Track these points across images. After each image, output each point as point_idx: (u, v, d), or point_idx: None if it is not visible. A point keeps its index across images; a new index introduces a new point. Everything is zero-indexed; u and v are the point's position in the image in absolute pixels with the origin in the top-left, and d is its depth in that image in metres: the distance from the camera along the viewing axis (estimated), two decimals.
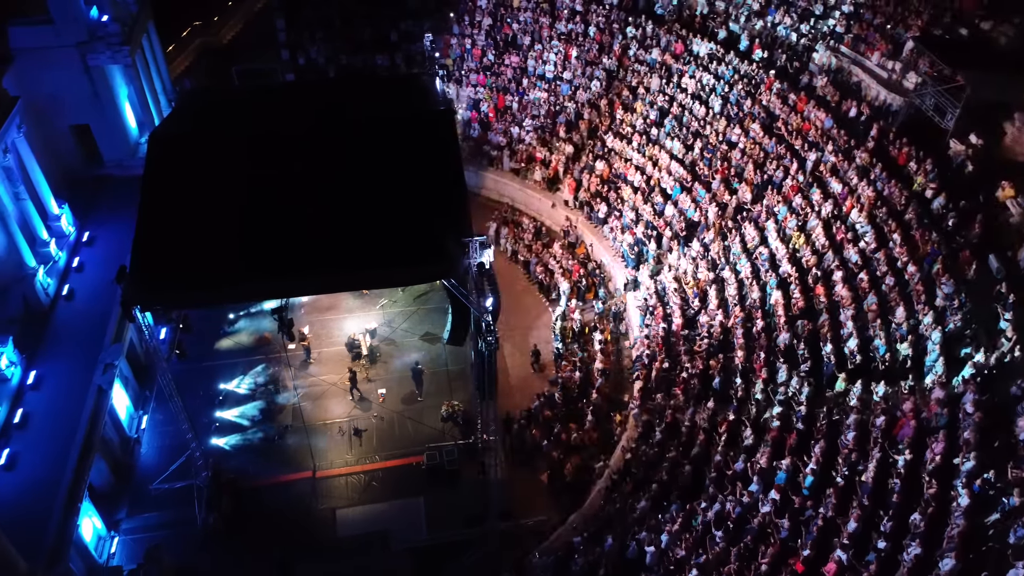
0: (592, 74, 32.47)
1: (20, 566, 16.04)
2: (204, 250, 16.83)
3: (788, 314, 21.68)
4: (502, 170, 33.11)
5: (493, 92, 33.55)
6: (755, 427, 19.15)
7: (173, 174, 17.97)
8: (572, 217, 30.82)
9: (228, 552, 21.03)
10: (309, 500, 22.37)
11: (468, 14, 35.05)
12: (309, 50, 33.96)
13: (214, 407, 24.64)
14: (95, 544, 20.87)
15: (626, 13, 32.90)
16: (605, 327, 27.11)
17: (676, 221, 27.23)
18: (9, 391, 21.24)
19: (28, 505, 19.01)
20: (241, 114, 20.86)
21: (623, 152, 30.29)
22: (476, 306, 16.83)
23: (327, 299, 28.29)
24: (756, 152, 26.67)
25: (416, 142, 18.83)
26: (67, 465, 19.88)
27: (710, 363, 22.26)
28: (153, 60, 29.66)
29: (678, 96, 30.03)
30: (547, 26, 33.90)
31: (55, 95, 26.15)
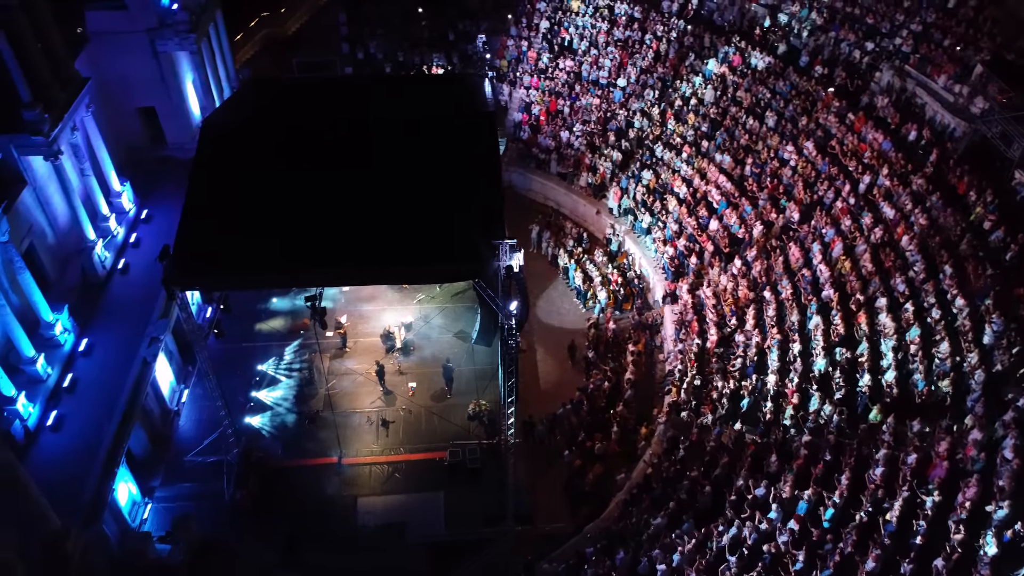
0: (646, 82, 32.17)
1: (54, 523, 16.88)
2: (244, 236, 17.41)
3: (827, 340, 21.09)
4: (549, 174, 33.12)
5: (545, 96, 33.58)
6: (781, 453, 18.70)
7: (222, 160, 18.64)
8: (616, 225, 30.63)
9: (252, 528, 21.73)
10: (333, 486, 22.86)
11: (526, 17, 35.18)
12: (368, 45, 34.65)
13: (251, 387, 25.41)
14: (129, 508, 21.79)
15: (685, 22, 32.47)
16: (640, 338, 26.87)
17: (720, 236, 26.75)
18: (61, 356, 22.36)
19: (69, 466, 19.97)
20: (292, 105, 21.47)
21: (671, 163, 29.93)
22: (501, 308, 16.91)
23: (367, 290, 28.83)
24: (808, 171, 25.99)
25: (457, 142, 19.03)
26: (108, 431, 20.81)
27: (742, 384, 21.83)
28: (219, 48, 30.74)
29: (731, 109, 29.49)
30: (604, 32, 33.76)
31: (125, 78, 27.39)
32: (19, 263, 20.29)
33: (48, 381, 21.51)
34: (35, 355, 21.11)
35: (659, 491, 19.87)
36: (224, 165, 18.61)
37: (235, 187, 18.26)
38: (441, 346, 27.15)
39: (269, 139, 19.14)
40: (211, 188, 18.21)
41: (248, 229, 17.53)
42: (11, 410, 19.87)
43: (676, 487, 19.64)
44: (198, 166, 18.49)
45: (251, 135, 19.36)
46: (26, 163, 21.97)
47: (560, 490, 22.74)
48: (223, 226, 17.56)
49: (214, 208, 17.89)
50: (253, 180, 18.26)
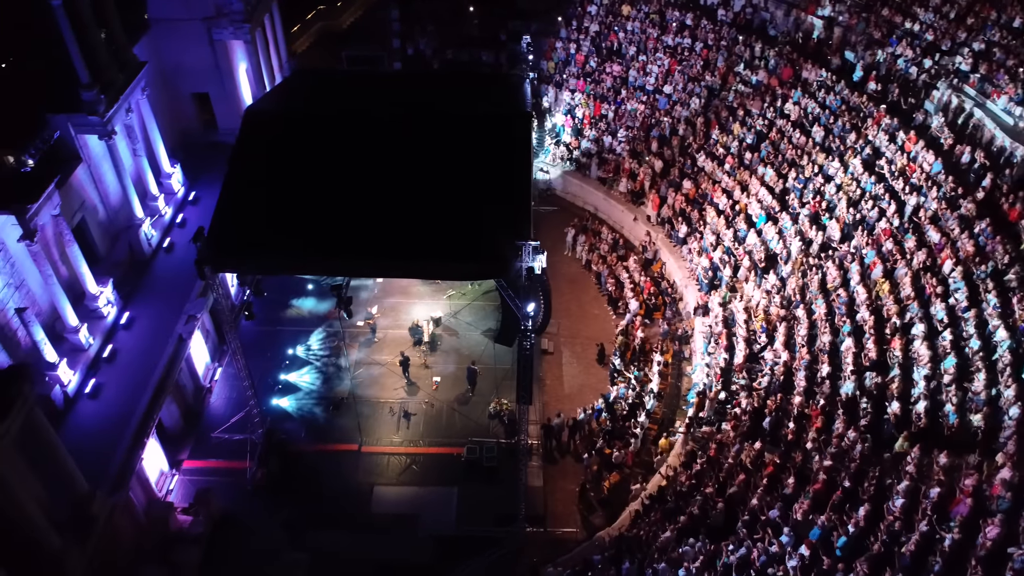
0: (693, 90, 31.74)
1: (82, 486, 17.65)
2: (277, 222, 17.87)
3: (857, 364, 20.50)
4: (589, 177, 33.01)
5: (591, 99, 33.45)
6: (799, 476, 18.25)
7: (261, 146, 19.17)
8: (652, 233, 30.34)
9: (270, 506, 22.29)
10: (351, 472, 23.28)
11: (577, 19, 35.11)
12: (419, 41, 35.11)
13: (280, 369, 26.06)
14: (157, 479, 22.61)
15: (737, 31, 31.92)
16: (668, 348, 26.57)
17: (756, 250, 26.23)
18: (104, 327, 23.35)
19: (102, 433, 20.84)
20: (333, 97, 21.92)
21: (713, 173, 29.47)
22: (519, 309, 16.95)
23: (400, 283, 29.23)
24: (853, 189, 25.26)
25: (491, 141, 19.14)
26: (141, 402, 21.64)
27: (767, 402, 21.39)
28: (273, 39, 31.58)
29: (778, 122, 28.86)
30: (654, 38, 33.42)
31: (181, 64, 28.41)
32: (68, 236, 21.25)
33: (89, 350, 22.49)
34: (79, 325, 22.08)
35: (672, 504, 19.63)
36: (263, 152, 19.14)
37: (272, 174, 18.77)
38: (468, 343, 27.36)
39: (308, 129, 19.59)
40: (249, 174, 18.75)
41: (281, 216, 17.99)
42: (53, 376, 20.87)
43: (689, 501, 19.37)
44: (238, 151, 19.07)
45: (292, 124, 19.85)
46: (82, 141, 23.00)
47: (575, 495, 22.67)
48: (257, 211, 18.07)
49: (250, 193, 18.42)
50: (289, 168, 18.73)
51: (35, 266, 20.24)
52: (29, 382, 14.83)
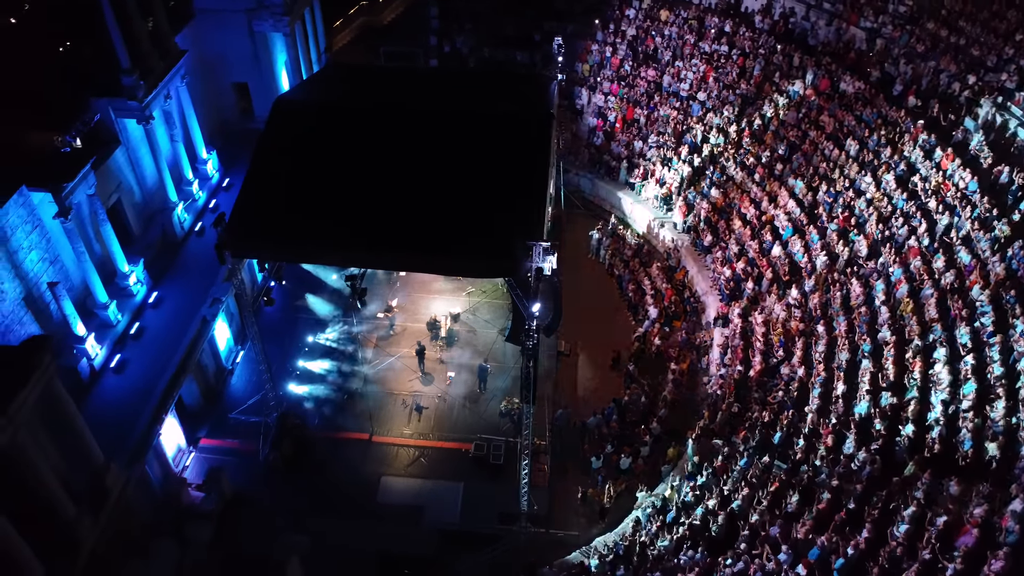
0: (727, 98, 31.35)
1: (98, 458, 18.33)
2: (296, 211, 18.32)
3: (874, 384, 20.03)
4: (618, 182, 32.86)
5: (623, 103, 33.29)
6: (803, 494, 17.92)
7: (286, 136, 19.64)
8: (677, 240, 30.08)
9: (280, 489, 22.81)
10: (360, 461, 23.66)
11: (614, 23, 34.97)
12: (455, 39, 35.40)
13: (300, 356, 26.59)
14: (174, 455, 23.34)
15: (776, 40, 31.40)
16: (686, 358, 26.32)
17: (781, 263, 25.80)
18: (132, 305, 24.19)
19: (124, 407, 21.62)
20: (362, 91, 22.33)
21: (742, 183, 29.07)
22: (525, 309, 17.03)
23: (422, 277, 29.54)
24: (884, 205, 24.67)
25: (510, 141, 19.27)
26: (162, 379, 22.37)
27: (779, 417, 21.05)
28: (313, 32, 32.22)
29: (812, 133, 28.32)
30: (690, 44, 33.10)
31: (222, 54, 29.22)
32: (102, 215, 22.07)
33: (117, 327, 23.34)
34: (108, 301, 22.93)
35: (673, 514, 19.48)
36: (288, 141, 19.61)
37: (294, 163, 19.22)
38: (484, 340, 27.52)
39: (333, 120, 19.99)
40: (273, 162, 19.24)
41: (301, 205, 18.43)
42: (80, 349, 21.72)
43: (690, 512, 19.21)
44: (264, 139, 19.58)
45: (317, 115, 20.30)
46: (121, 125, 23.86)
47: (580, 498, 22.65)
48: (278, 199, 18.53)
49: (273, 181, 18.90)
50: (312, 158, 19.17)
51: (69, 243, 21.08)
52: (50, 353, 15.46)
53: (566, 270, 30.84)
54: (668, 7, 34.40)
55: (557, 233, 31.69)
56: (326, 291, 28.79)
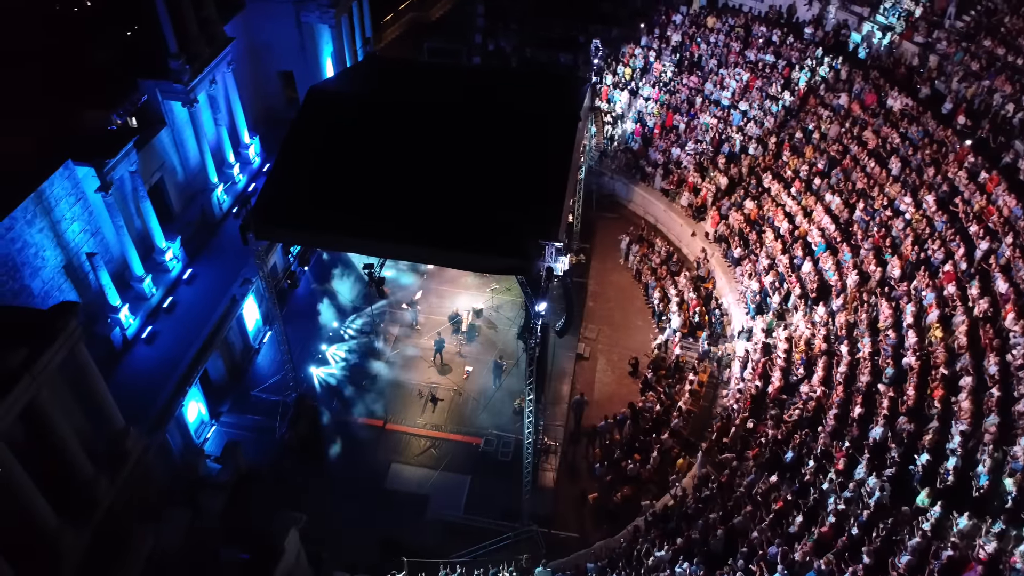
0: (769, 108, 30.76)
1: (119, 422, 19.13)
2: (318, 198, 18.80)
3: (893, 409, 19.43)
4: (652, 188, 32.59)
5: (663, 109, 33.00)
6: (807, 516, 17.52)
7: (316, 125, 20.16)
8: (708, 250, 29.68)
9: (293, 467, 23.42)
10: (372, 447, 24.11)
11: (659, 28, 34.66)
12: (500, 38, 35.64)
13: (323, 339, 27.20)
14: (196, 426, 24.18)
15: (824, 51, 30.67)
16: (706, 369, 26.00)
17: (810, 280, 25.22)
18: (167, 280, 25.14)
19: (151, 377, 22.52)
20: (394, 85, 22.68)
21: (778, 196, 28.50)
22: (531, 307, 17.10)
23: (449, 271, 29.82)
24: (922, 226, 23.87)
25: (534, 140, 19.35)
26: (188, 353, 23.23)
27: (792, 436, 20.61)
28: (359, 25, 32.84)
29: (853, 149, 27.57)
30: (736, 52, 32.59)
31: (270, 43, 30.09)
32: (143, 192, 23.01)
33: (151, 299, 24.29)
34: (144, 275, 23.90)
35: (673, 524, 19.28)
36: (317, 130, 20.12)
37: (322, 152, 19.70)
38: (505, 337, 27.67)
39: (362, 112, 20.44)
40: (301, 149, 19.77)
41: (324, 193, 18.90)
42: (115, 318, 22.72)
43: (691, 524, 18.97)
44: (295, 127, 20.12)
45: (348, 106, 20.76)
46: (168, 107, 24.82)
47: (585, 501, 22.61)
48: (303, 186, 19.05)
49: (299, 168, 19.44)
50: (338, 148, 19.63)
51: (109, 216, 22.06)
52: (76, 318, 16.24)
53: (594, 273, 30.99)
54: (716, 14, 33.94)
55: (587, 236, 31.70)
56: (353, 278, 29.38)
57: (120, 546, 18.60)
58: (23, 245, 19.53)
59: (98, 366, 20.68)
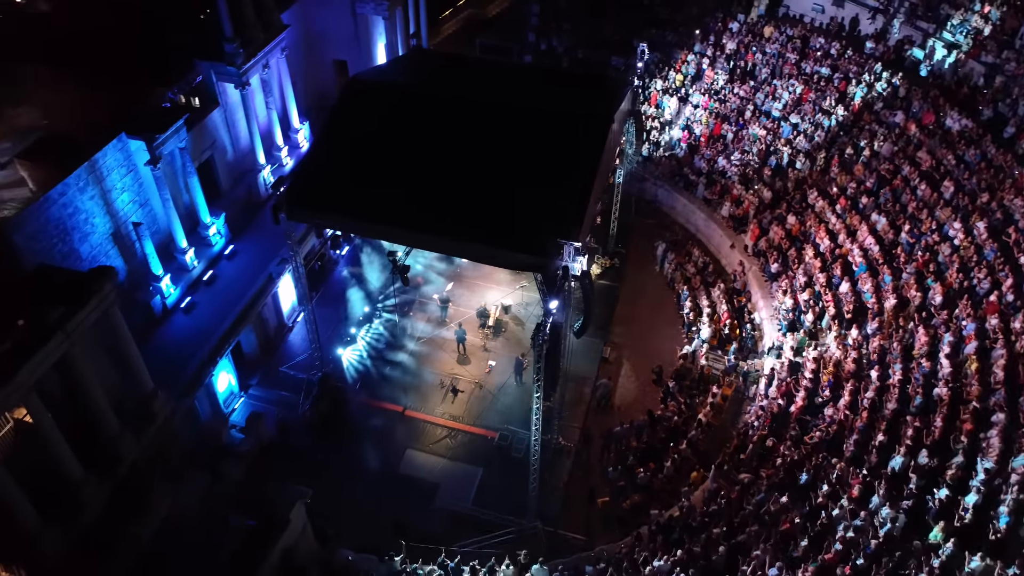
0: (821, 122, 29.93)
1: (147, 385, 20.07)
2: (349, 184, 19.27)
3: (917, 440, 18.72)
4: (694, 196, 32.12)
5: (712, 117, 32.48)
6: (813, 540, 17.07)
7: (354, 113, 20.65)
8: (745, 264, 29.11)
9: (312, 444, 24.07)
10: (390, 431, 24.54)
11: (715, 35, 34.13)
12: (552, 38, 35.70)
13: (354, 322, 27.79)
14: (225, 396, 25.08)
15: (883, 67, 29.66)
16: (731, 383, 25.53)
17: (847, 300, 24.46)
18: (209, 254, 26.13)
19: (185, 345, 23.44)
20: (435, 78, 23.06)
21: (822, 212, 27.73)
22: (544, 304, 17.15)
23: (482, 266, 30.04)
24: (970, 254, 22.89)
25: (564, 139, 19.38)
26: (222, 325, 24.13)
27: (811, 458, 20.08)
28: (414, 18, 33.34)
29: (905, 169, 26.59)
30: (791, 63, 31.82)
31: (326, 32, 30.89)
32: (191, 168, 23.96)
33: (193, 272, 25.28)
34: (187, 248, 24.91)
35: (676, 535, 19.05)
36: (355, 117, 20.61)
37: (357, 139, 20.19)
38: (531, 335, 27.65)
39: (400, 103, 20.83)
40: (338, 135, 20.30)
41: (355, 179, 19.38)
42: (156, 287, 23.75)
43: (694, 537, 18.71)
44: (334, 113, 20.68)
45: (386, 96, 21.18)
46: (221, 88, 25.77)
47: (595, 504, 22.53)
48: (336, 171, 19.56)
49: (334, 153, 19.97)
50: (373, 136, 20.06)
51: (157, 189, 23.09)
52: (110, 282, 17.14)
53: (628, 278, 30.75)
54: (774, 24, 33.21)
55: (624, 241, 31.48)
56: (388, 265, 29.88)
57: (140, 502, 19.49)
58: (74, 211, 20.62)
59: (137, 331, 21.81)
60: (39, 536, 17.09)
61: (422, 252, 29.39)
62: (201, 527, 19.69)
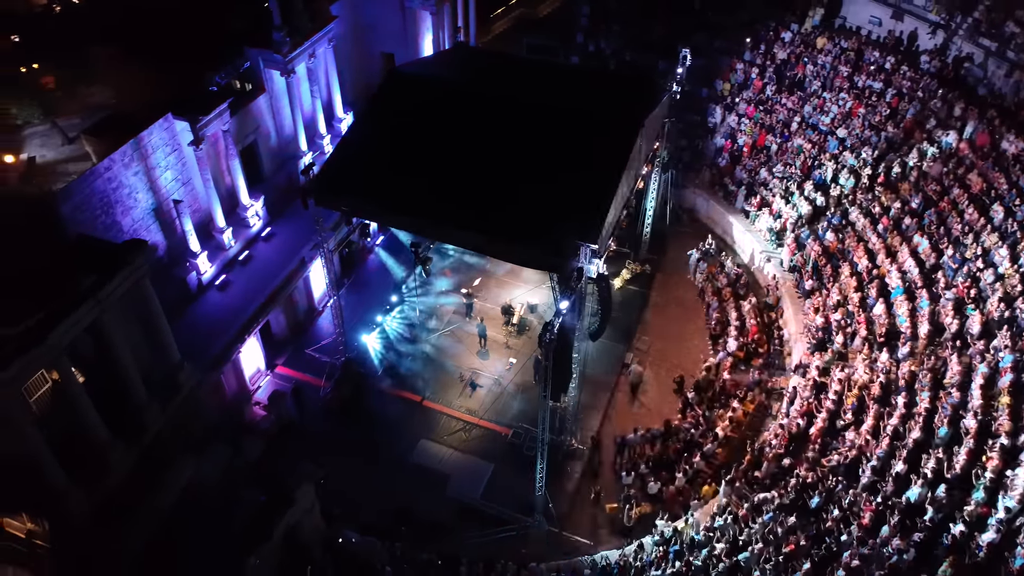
0: (868, 139, 29.01)
1: (175, 357, 20.87)
2: (378, 173, 19.66)
3: (937, 473, 18.02)
4: (733, 207, 31.57)
5: (757, 127, 31.84)
6: (816, 565, 16.64)
7: (390, 104, 21.05)
8: (780, 278, 28.48)
9: (330, 426, 24.62)
10: (406, 419, 24.93)
11: (766, 43, 33.40)
12: (601, 39, 35.51)
13: (380, 310, 28.25)
14: (252, 374, 25.87)
15: (939, 84, 28.56)
16: (754, 399, 25.04)
17: (880, 323, 23.70)
18: (247, 235, 27.00)
19: (216, 322, 24.35)
20: (473, 74, 23.27)
21: (863, 231, 26.89)
22: (555, 304, 17.14)
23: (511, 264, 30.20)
24: (1014, 283, 21.86)
25: (592, 141, 19.37)
26: (253, 305, 24.90)
27: (825, 481, 19.55)
28: (463, 15, 33.68)
29: (954, 191, 25.57)
30: (843, 76, 30.91)
31: (375, 25, 31.48)
32: (232, 150, 24.81)
33: (229, 251, 26.18)
34: (226, 227, 25.78)
35: (677, 547, 18.82)
36: (391, 109, 21.01)
37: (390, 130, 20.57)
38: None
39: (433, 97, 21.12)
40: (372, 125, 20.74)
41: (384, 169, 19.77)
42: (193, 263, 24.68)
43: (695, 552, 18.46)
44: (371, 103, 21.13)
45: (423, 89, 21.50)
46: (268, 75, 26.58)
47: (602, 509, 22.46)
48: (366, 160, 19.98)
49: (367, 143, 20.42)
50: (406, 128, 20.41)
51: (199, 169, 23.95)
52: (143, 256, 17.89)
53: (659, 286, 30.45)
54: (828, 35, 32.32)
55: (659, 248, 31.16)
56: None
57: (162, 470, 20.31)
58: (118, 185, 21.58)
59: (172, 306, 22.76)
60: (66, 494, 17.99)
61: (455, 247, 29.67)
62: (219, 498, 20.42)
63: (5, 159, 35.65)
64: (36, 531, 18.30)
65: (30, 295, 16.17)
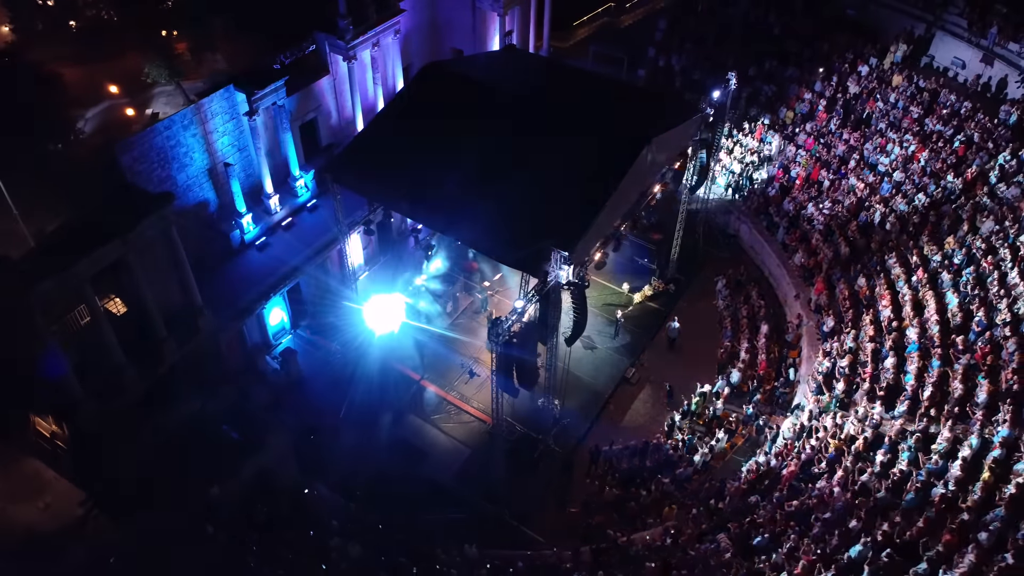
0: (925, 186, 27.46)
1: (196, 301, 23.23)
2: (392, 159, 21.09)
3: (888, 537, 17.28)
4: (773, 238, 30.77)
5: (812, 161, 30.80)
6: None
7: (418, 95, 22.42)
8: (804, 317, 27.60)
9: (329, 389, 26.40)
10: (402, 395, 26.29)
11: (839, 76, 32.13)
12: (672, 55, 35.39)
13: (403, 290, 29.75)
14: (275, 330, 28.11)
15: (1013, 135, 26.58)
16: (746, 434, 24.62)
17: (885, 377, 22.65)
18: (293, 204, 29.25)
19: (250, 278, 26.64)
20: (505, 76, 24.20)
21: (895, 280, 25.60)
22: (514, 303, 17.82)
23: None
24: None
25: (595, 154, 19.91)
26: (285, 267, 27.08)
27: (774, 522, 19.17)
28: (535, 20, 34.64)
29: (1003, 251, 23.87)
30: (912, 118, 29.32)
31: (449, 21, 33.04)
32: (286, 124, 27.00)
33: (274, 216, 28.51)
34: (273, 194, 28.12)
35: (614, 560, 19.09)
36: (417, 99, 22.38)
37: (413, 119, 21.95)
38: None
39: (463, 94, 22.28)
40: (398, 113, 22.17)
41: (399, 156, 21.16)
42: (238, 222, 27.14)
43: (627, 567, 18.69)
44: (402, 92, 22.63)
45: (454, 86, 22.69)
46: (333, 59, 28.65)
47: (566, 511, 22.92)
48: (385, 146, 21.46)
49: (390, 129, 21.89)
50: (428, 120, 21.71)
51: (252, 138, 26.32)
52: (169, 206, 20.19)
53: (682, 307, 30.26)
54: (906, 75, 30.70)
55: (691, 269, 30.90)
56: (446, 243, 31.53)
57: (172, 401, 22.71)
58: (176, 143, 24.20)
59: (215, 257, 25.18)
60: (80, 403, 20.65)
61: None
62: (213, 433, 22.54)
63: (127, 112, 40.35)
64: (58, 433, 21.13)
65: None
